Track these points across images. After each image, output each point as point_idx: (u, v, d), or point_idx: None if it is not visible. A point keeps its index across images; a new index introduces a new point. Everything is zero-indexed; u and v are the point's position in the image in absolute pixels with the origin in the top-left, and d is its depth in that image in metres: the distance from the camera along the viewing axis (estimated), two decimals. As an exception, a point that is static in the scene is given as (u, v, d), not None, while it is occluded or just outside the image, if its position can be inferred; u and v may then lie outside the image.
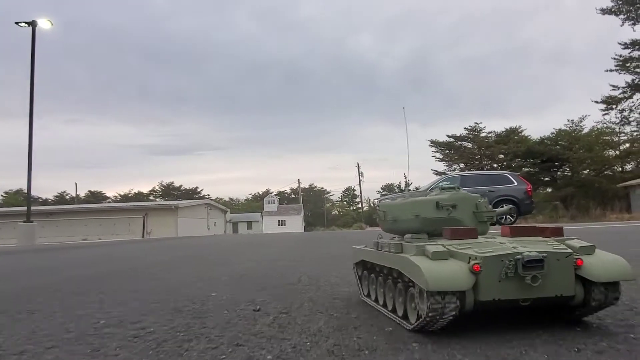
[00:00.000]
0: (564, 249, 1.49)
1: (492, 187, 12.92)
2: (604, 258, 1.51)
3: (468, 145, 35.55)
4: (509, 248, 1.48)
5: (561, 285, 1.45)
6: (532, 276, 1.39)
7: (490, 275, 1.40)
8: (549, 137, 33.32)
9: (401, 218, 1.92)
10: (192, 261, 5.19)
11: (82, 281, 3.67)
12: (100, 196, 67.52)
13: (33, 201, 56.32)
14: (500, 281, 1.41)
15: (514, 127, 34.61)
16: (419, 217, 1.86)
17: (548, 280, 1.42)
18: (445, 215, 1.86)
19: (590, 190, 29.61)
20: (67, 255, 7.78)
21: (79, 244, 14.30)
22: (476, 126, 35.43)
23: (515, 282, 1.41)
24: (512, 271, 1.39)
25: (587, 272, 1.46)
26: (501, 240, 1.61)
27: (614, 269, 1.47)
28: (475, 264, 1.40)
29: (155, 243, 11.99)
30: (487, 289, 1.41)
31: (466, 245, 1.53)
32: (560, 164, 32.48)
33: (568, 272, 1.45)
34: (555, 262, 1.43)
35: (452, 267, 1.42)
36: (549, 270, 1.42)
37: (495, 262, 1.40)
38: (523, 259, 1.39)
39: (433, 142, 35.89)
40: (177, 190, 67.37)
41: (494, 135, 35.12)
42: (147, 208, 33.83)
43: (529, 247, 1.48)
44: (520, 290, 1.42)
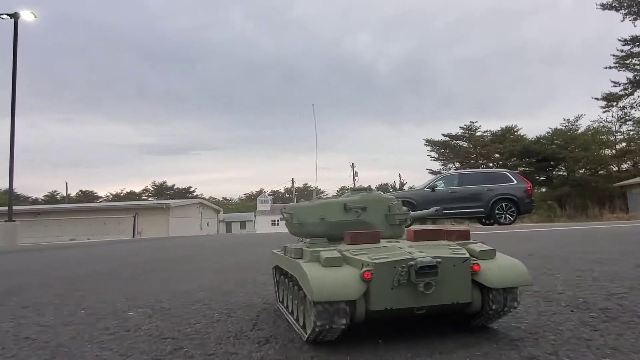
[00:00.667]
0: (462, 254, 1.42)
1: (490, 186, 12.55)
2: (502, 263, 1.46)
3: (464, 145, 35.29)
4: (404, 253, 1.40)
5: (457, 292, 1.39)
6: (425, 283, 1.33)
7: (382, 283, 1.33)
8: (544, 137, 33.29)
9: (307, 221, 1.87)
10: (140, 269, 4.42)
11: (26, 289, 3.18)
12: (91, 196, 66.79)
13: (23, 201, 56.21)
14: (393, 289, 1.34)
15: (510, 126, 34.44)
16: (324, 220, 1.82)
17: (443, 287, 1.36)
18: (353, 218, 1.82)
19: (587, 189, 29.49)
20: (38, 257, 7.27)
21: (63, 245, 13.74)
22: (472, 125, 35.20)
23: (409, 290, 1.34)
24: (404, 278, 1.33)
25: (483, 277, 1.41)
26: (402, 245, 1.54)
27: (511, 274, 1.42)
28: (366, 271, 1.33)
29: (138, 244, 11.48)
30: (379, 297, 1.34)
31: (364, 250, 1.45)
32: (555, 164, 32.38)
33: (464, 278, 1.40)
34: (451, 267, 1.38)
35: (342, 275, 1.35)
36: (444, 276, 1.36)
37: (387, 268, 1.34)
38: (416, 265, 1.32)
39: (428, 141, 35.65)
40: (170, 190, 66.83)
41: (489, 134, 34.90)
42: (137, 207, 33.26)
43: (427, 252, 1.41)
44: (414, 298, 1.35)
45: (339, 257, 1.41)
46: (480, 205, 12.43)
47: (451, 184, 12.89)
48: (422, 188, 13.05)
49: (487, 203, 12.36)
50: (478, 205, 12.45)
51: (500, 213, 12.33)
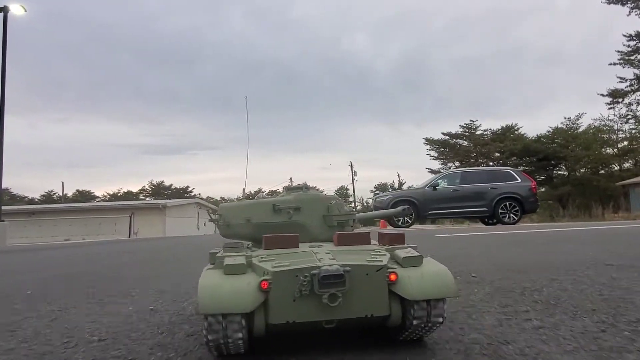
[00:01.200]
0: (378, 262, 1.29)
1: (494, 184, 12.18)
2: (425, 271, 1.31)
3: (464, 143, 34.93)
4: (311, 260, 1.29)
5: (371, 304, 1.26)
6: (329, 294, 1.20)
7: (282, 294, 1.21)
8: (545, 135, 33.01)
9: (233, 222, 1.76)
10: (95, 276, 3.93)
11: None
12: (88, 195, 66.27)
13: (19, 200, 55.59)
14: (295, 300, 1.21)
15: (510, 125, 34.07)
16: (250, 222, 1.73)
17: (353, 298, 1.24)
18: (284, 219, 1.72)
19: (588, 189, 29.19)
20: (15, 260, 6.86)
21: (55, 245, 13.34)
22: (472, 124, 34.85)
23: (313, 302, 1.22)
24: (307, 289, 1.21)
25: (400, 288, 1.27)
26: (319, 250, 1.41)
27: (433, 284, 1.28)
28: (263, 281, 1.21)
29: (124, 245, 11.06)
30: (279, 310, 1.21)
31: (273, 256, 1.33)
32: (556, 163, 32.08)
33: (379, 289, 1.26)
34: (363, 277, 1.25)
35: (238, 284, 1.22)
36: (355, 286, 1.23)
37: (287, 277, 1.22)
38: (319, 274, 1.20)
39: (428, 140, 35.28)
40: (168, 190, 66.35)
41: (489, 133, 34.53)
42: (133, 207, 32.85)
43: (341, 258, 1.30)
44: (320, 311, 1.22)
45: (242, 265, 1.28)
46: (483, 204, 12.06)
47: (453, 183, 12.51)
48: (423, 187, 12.66)
49: (491, 202, 11.98)
50: (481, 204, 12.07)
51: (504, 212, 11.95)
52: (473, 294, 2.24)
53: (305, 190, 1.83)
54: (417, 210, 12.07)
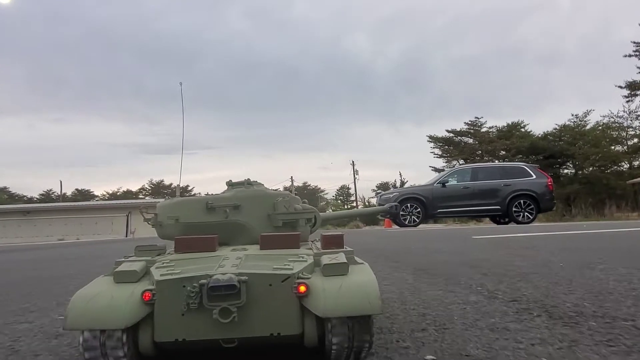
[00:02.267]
0: (286, 270, 1.09)
1: (507, 181, 11.42)
2: (349, 281, 1.08)
3: (469, 141, 34.10)
4: (208, 268, 1.11)
5: (276, 321, 1.05)
6: (220, 309, 1.02)
7: (168, 307, 1.03)
8: (552, 133, 32.28)
9: (165, 222, 1.61)
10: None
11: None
12: (88, 194, 65.66)
13: (17, 200, 55.07)
14: (184, 315, 1.03)
15: (516, 122, 33.29)
16: (178, 222, 1.59)
17: (253, 313, 1.04)
18: (220, 219, 1.59)
19: (597, 187, 28.41)
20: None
21: (44, 245, 12.63)
22: (477, 121, 34.02)
23: (204, 317, 1.03)
24: (195, 301, 1.02)
25: (311, 302, 1.05)
26: (232, 254, 1.24)
27: (351, 299, 1.03)
28: (145, 291, 1.04)
29: (105, 247, 10.35)
30: (165, 326, 1.04)
31: (175, 262, 1.18)
32: (563, 161, 31.33)
33: (286, 302, 1.05)
34: (264, 288, 1.05)
35: (119, 295, 1.04)
36: (254, 299, 1.04)
37: (172, 288, 1.04)
38: (208, 285, 1.01)
39: (432, 137, 34.49)
40: (167, 189, 65.76)
41: (495, 130, 33.72)
42: (130, 206, 32.13)
43: (244, 265, 1.12)
44: (214, 328, 1.03)
45: (133, 272, 1.12)
46: (496, 202, 11.30)
47: (463, 179, 11.75)
48: (432, 183, 11.89)
49: (504, 200, 11.23)
50: (493, 202, 11.31)
51: (518, 211, 11.19)
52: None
53: (247, 186, 1.71)
54: (425, 208, 11.32)
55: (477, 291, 2.15)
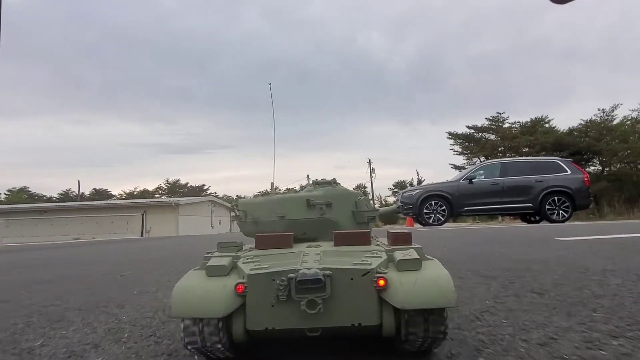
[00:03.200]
0: (366, 265, 1.16)
1: (539, 177, 10.61)
2: (421, 277, 1.14)
3: (490, 137, 33.00)
4: (292, 263, 1.19)
5: (358, 312, 1.13)
6: (307, 301, 1.10)
7: (259, 299, 1.13)
8: (577, 128, 31.09)
9: (264, 219, 1.71)
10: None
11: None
12: (105, 194, 66.21)
13: (37, 199, 55.67)
14: (274, 306, 1.12)
15: (540, 117, 32.08)
16: (284, 219, 1.67)
17: (337, 305, 1.12)
18: (317, 215, 1.68)
19: (626, 184, 27.15)
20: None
21: (59, 244, 12.28)
22: (498, 116, 32.86)
23: (292, 308, 1.11)
24: (284, 294, 1.10)
25: (390, 295, 1.12)
26: (310, 251, 1.32)
27: (426, 292, 1.10)
28: (238, 284, 1.13)
29: (124, 244, 9.87)
30: (256, 315, 1.13)
31: (258, 257, 1.26)
32: (589, 157, 30.09)
33: (366, 295, 1.13)
34: (346, 281, 1.13)
35: (214, 287, 1.14)
36: (338, 292, 1.12)
37: (263, 281, 1.13)
38: (296, 278, 1.09)
39: (451, 134, 33.49)
40: (184, 188, 65.90)
41: (518, 125, 32.57)
42: (146, 205, 32.00)
43: (328, 260, 1.20)
44: (300, 318, 1.11)
45: (223, 266, 1.21)
46: (528, 199, 10.51)
47: (492, 175, 10.97)
48: (458, 180, 11.14)
49: (536, 197, 10.43)
50: (524, 199, 10.52)
51: (551, 209, 10.38)
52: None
53: (334, 185, 1.78)
54: (451, 206, 10.59)
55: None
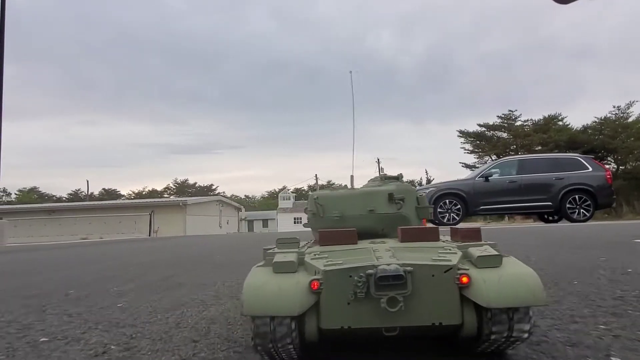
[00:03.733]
0: (446, 261, 1.10)
1: (559, 174, 10.14)
2: (507, 273, 1.08)
3: (502, 135, 32.37)
4: (369, 259, 1.13)
5: (439, 311, 1.07)
6: (388, 298, 1.04)
7: (335, 296, 1.07)
8: (591, 126, 30.43)
9: (350, 214, 1.60)
10: None
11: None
12: (114, 194, 66.42)
13: (47, 199, 55.96)
14: (350, 304, 1.06)
15: (553, 115, 31.41)
16: (373, 213, 1.58)
17: (418, 303, 1.06)
18: (395, 210, 1.60)
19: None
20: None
21: (63, 244, 12.06)
22: (510, 114, 32.24)
23: (370, 306, 1.06)
24: (362, 291, 1.05)
25: (474, 293, 1.06)
26: (380, 247, 1.26)
27: (514, 290, 1.05)
28: (313, 280, 1.08)
29: (126, 245, 9.60)
30: (332, 313, 1.07)
31: (326, 254, 1.21)
32: (604, 155, 29.41)
33: (448, 293, 1.07)
34: (428, 278, 1.07)
35: (287, 284, 1.09)
36: (419, 289, 1.06)
37: (340, 278, 1.07)
38: (376, 275, 1.04)
39: (462, 132, 32.91)
40: (192, 188, 65.90)
41: (530, 123, 31.91)
42: (153, 205, 31.84)
43: (403, 256, 1.14)
44: (379, 317, 1.06)
45: (292, 262, 1.15)
46: (547, 198, 10.05)
47: (509, 172, 10.51)
48: (473, 177, 10.71)
49: (556, 195, 9.96)
50: (544, 198, 10.06)
51: (572, 207, 9.91)
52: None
53: (401, 180, 1.75)
54: (466, 205, 10.16)
55: None
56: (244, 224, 47.54)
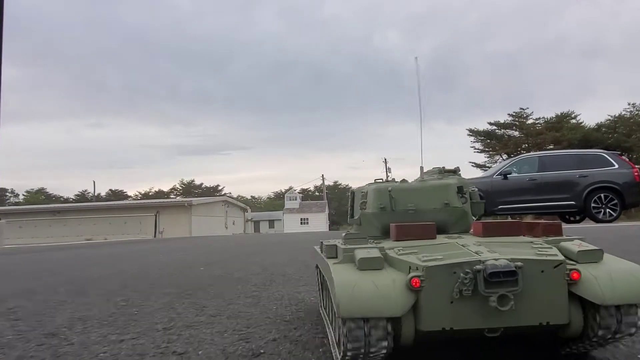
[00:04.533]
0: (553, 256, 1.03)
1: (583, 171, 9.53)
2: (614, 268, 1.03)
3: (513, 134, 31.66)
4: (468, 253, 1.05)
5: (547, 310, 0.99)
6: (499, 296, 0.96)
7: (437, 294, 0.98)
8: (605, 124, 29.73)
9: (425, 207, 1.51)
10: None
11: None
12: (121, 195, 66.41)
13: (54, 200, 56.01)
14: (453, 302, 0.98)
15: (566, 112, 30.68)
16: (449, 207, 1.51)
17: (526, 301, 0.98)
18: (460, 204, 1.53)
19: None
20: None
21: (64, 246, 11.66)
22: (522, 112, 31.52)
23: (476, 305, 0.98)
24: (469, 288, 0.97)
25: (586, 290, 1.00)
26: (465, 241, 1.19)
27: (627, 286, 0.98)
28: (414, 277, 0.99)
29: (125, 247, 9.16)
30: (433, 314, 0.98)
31: (414, 249, 1.13)
32: (619, 153, 28.70)
33: (558, 290, 1.00)
34: (537, 274, 0.99)
35: (382, 282, 1.00)
36: (528, 287, 0.98)
37: (443, 274, 0.99)
38: (485, 271, 0.96)
39: (472, 131, 32.26)
40: (198, 189, 65.74)
41: (542, 121, 31.19)
42: (158, 206, 31.53)
43: (501, 251, 1.06)
44: (484, 317, 0.98)
45: (379, 258, 1.07)
46: (570, 196, 9.45)
47: (529, 170, 9.92)
48: (491, 175, 10.13)
49: (580, 194, 9.36)
50: (567, 197, 9.46)
51: (597, 207, 9.30)
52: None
53: (458, 174, 1.69)
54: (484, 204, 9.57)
55: None
56: (250, 224, 47.16)
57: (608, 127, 29.75)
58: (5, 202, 59.71)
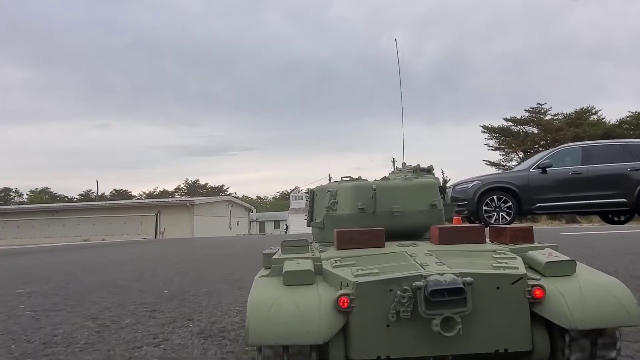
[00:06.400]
0: (512, 269, 0.89)
1: (635, 164, 8.23)
2: (586, 283, 0.88)
3: (530, 130, 30.30)
4: (412, 266, 0.92)
5: (504, 334, 0.86)
6: (443, 318, 0.83)
7: (370, 316, 0.85)
8: (627, 120, 28.43)
9: (411, 209, 1.32)
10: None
11: None
12: (125, 194, 65.70)
13: (59, 200, 55.33)
14: (390, 326, 0.85)
15: (586, 108, 29.31)
16: (435, 209, 1.36)
17: (477, 324, 0.85)
18: (442, 206, 1.42)
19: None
20: None
21: (57, 247, 10.63)
22: (539, 107, 30.13)
23: (417, 329, 0.85)
24: (407, 309, 0.84)
25: (551, 310, 0.86)
26: (416, 250, 1.03)
27: (602, 306, 0.84)
28: (342, 296, 0.86)
29: (120, 249, 8.04)
30: (366, 339, 0.85)
31: (352, 259, 0.97)
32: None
33: (517, 310, 0.86)
34: (491, 292, 0.86)
35: (305, 302, 0.86)
36: (479, 306, 0.85)
37: (377, 291, 0.86)
38: (427, 288, 0.83)
39: (486, 128, 30.92)
40: (203, 189, 64.92)
41: (561, 117, 29.81)
42: (160, 205, 30.47)
43: (452, 263, 0.91)
44: (428, 343, 0.84)
45: (308, 272, 0.92)
46: (620, 192, 8.17)
47: (571, 162, 8.62)
48: (527, 168, 8.84)
49: (632, 190, 8.08)
50: (617, 192, 8.17)
51: (652, 204, 7.99)
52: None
53: (433, 173, 1.53)
54: (519, 202, 8.30)
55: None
56: (255, 225, 46.12)
57: (629, 123, 28.42)
58: (9, 201, 59.26)
